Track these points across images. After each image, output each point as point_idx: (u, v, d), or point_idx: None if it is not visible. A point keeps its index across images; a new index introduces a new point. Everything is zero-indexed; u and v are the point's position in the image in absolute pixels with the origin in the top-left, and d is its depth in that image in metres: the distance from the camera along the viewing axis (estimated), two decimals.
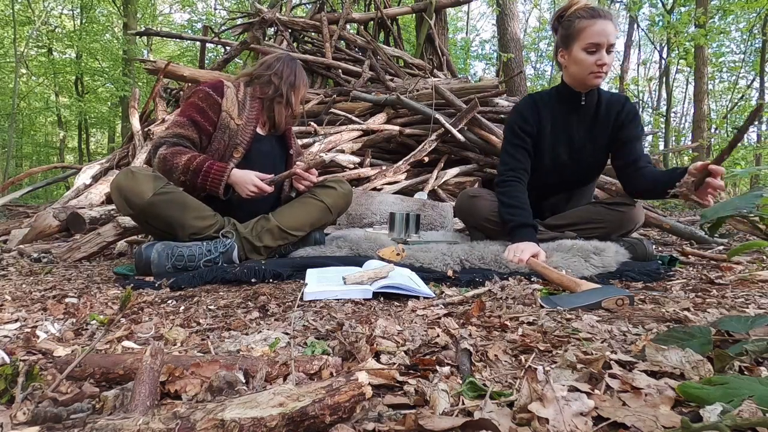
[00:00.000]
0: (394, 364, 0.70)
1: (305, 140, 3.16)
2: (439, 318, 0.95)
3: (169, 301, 1.20)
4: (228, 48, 4.71)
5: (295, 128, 3.35)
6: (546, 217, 1.87)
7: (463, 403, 0.56)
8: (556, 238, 1.76)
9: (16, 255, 2.01)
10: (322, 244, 1.77)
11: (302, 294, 1.16)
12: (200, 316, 1.03)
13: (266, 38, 5.06)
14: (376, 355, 0.73)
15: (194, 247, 1.54)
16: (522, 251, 1.53)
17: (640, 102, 14.50)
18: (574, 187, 1.85)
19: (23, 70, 10.99)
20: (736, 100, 12.48)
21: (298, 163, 1.90)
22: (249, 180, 1.63)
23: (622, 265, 1.54)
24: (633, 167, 1.68)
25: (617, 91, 11.27)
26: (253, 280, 1.40)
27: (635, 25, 12.84)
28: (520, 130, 1.76)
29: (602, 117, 1.72)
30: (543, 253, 1.53)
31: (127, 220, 2.06)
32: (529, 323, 0.91)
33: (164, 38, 10.87)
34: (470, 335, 0.82)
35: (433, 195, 3.02)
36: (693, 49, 8.39)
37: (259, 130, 1.82)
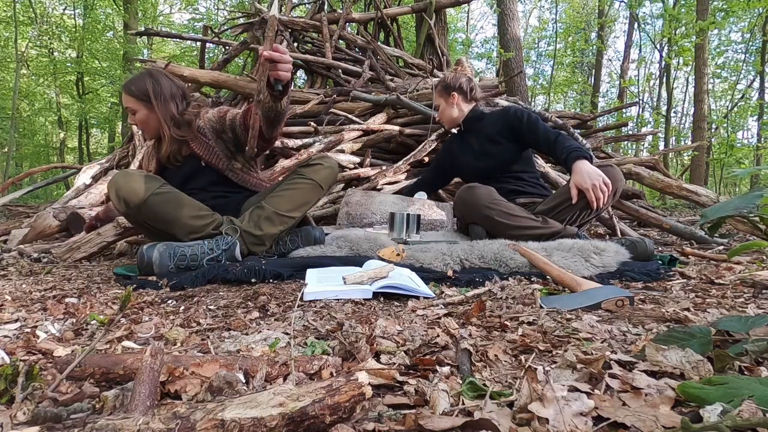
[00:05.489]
0: (394, 364, 0.70)
1: (305, 140, 3.16)
2: (439, 318, 0.95)
3: (169, 301, 1.20)
4: (228, 48, 4.70)
5: (294, 128, 3.34)
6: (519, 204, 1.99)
7: (463, 403, 0.56)
8: (557, 233, 1.78)
9: (16, 255, 2.01)
10: (321, 244, 1.77)
11: (302, 294, 1.16)
12: (200, 316, 1.03)
13: None
14: (376, 355, 0.73)
15: (196, 247, 1.54)
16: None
17: (641, 102, 14.49)
18: (502, 172, 2.17)
19: (24, 71, 10.98)
20: (736, 100, 12.48)
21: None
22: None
23: (622, 264, 1.54)
24: (549, 149, 2.00)
25: (618, 90, 11.27)
26: (253, 280, 1.40)
27: (635, 24, 12.83)
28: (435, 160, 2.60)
29: (489, 126, 2.18)
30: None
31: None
32: (529, 323, 0.91)
33: (164, 38, 10.87)
34: (470, 335, 0.82)
35: (434, 195, 3.01)
36: (693, 48, 8.39)
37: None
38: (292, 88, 1.64)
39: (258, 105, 1.54)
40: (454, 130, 2.41)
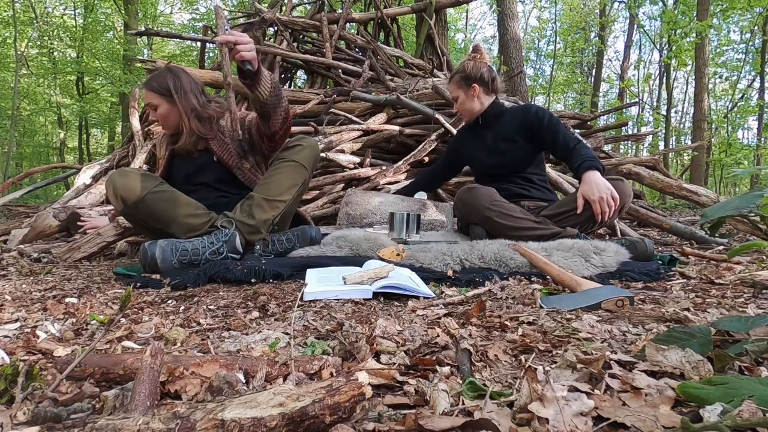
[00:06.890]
0: (394, 364, 0.70)
1: None
2: (439, 318, 0.95)
3: (169, 301, 1.20)
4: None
5: (295, 128, 3.34)
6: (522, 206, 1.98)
7: (463, 403, 0.56)
8: (556, 234, 1.78)
9: (16, 255, 2.01)
10: (318, 243, 1.77)
11: (302, 294, 1.16)
12: (200, 316, 1.03)
13: (266, 38, 5.05)
14: (376, 355, 0.73)
15: (197, 242, 1.57)
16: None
17: (641, 102, 14.49)
18: (513, 174, 2.12)
19: (23, 71, 10.97)
20: (736, 100, 12.48)
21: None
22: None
23: (622, 264, 1.54)
24: (565, 155, 1.97)
25: (618, 90, 11.27)
26: (253, 280, 1.40)
27: (635, 25, 12.83)
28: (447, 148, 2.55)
29: (506, 123, 2.12)
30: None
31: None
32: (529, 323, 0.91)
33: (164, 38, 10.87)
34: (470, 335, 0.82)
35: (434, 195, 3.02)
36: (692, 49, 8.38)
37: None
38: (282, 79, 1.72)
39: (228, 88, 1.63)
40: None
